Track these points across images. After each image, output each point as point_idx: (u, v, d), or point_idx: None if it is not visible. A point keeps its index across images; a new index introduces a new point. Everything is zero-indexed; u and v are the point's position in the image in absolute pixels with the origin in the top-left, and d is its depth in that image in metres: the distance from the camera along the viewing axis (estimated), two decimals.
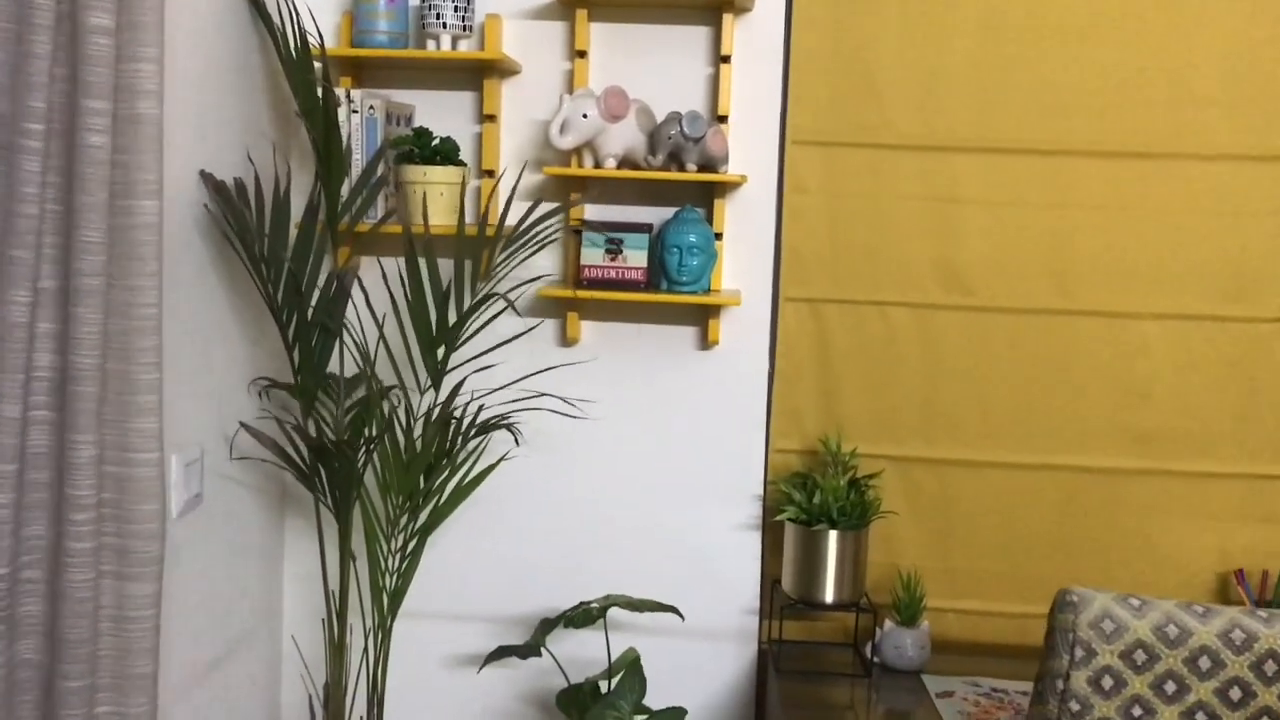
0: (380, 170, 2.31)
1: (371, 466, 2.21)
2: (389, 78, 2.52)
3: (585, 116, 2.30)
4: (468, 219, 2.45)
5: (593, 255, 2.38)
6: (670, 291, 2.39)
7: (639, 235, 2.38)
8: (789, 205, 2.50)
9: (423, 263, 2.19)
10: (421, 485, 2.18)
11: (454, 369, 2.24)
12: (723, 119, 2.42)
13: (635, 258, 2.38)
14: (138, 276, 1.78)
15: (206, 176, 2.09)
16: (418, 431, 2.22)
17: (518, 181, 2.32)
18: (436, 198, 2.35)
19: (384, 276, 2.22)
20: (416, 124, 2.53)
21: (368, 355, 2.20)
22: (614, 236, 2.37)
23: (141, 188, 1.78)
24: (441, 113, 2.52)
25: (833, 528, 2.36)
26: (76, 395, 1.70)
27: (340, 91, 2.33)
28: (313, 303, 2.15)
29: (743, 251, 2.51)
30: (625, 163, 2.40)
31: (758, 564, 2.58)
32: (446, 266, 2.21)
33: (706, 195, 2.47)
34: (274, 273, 2.08)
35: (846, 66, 2.46)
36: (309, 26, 2.36)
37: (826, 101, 2.47)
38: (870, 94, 2.46)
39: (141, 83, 1.78)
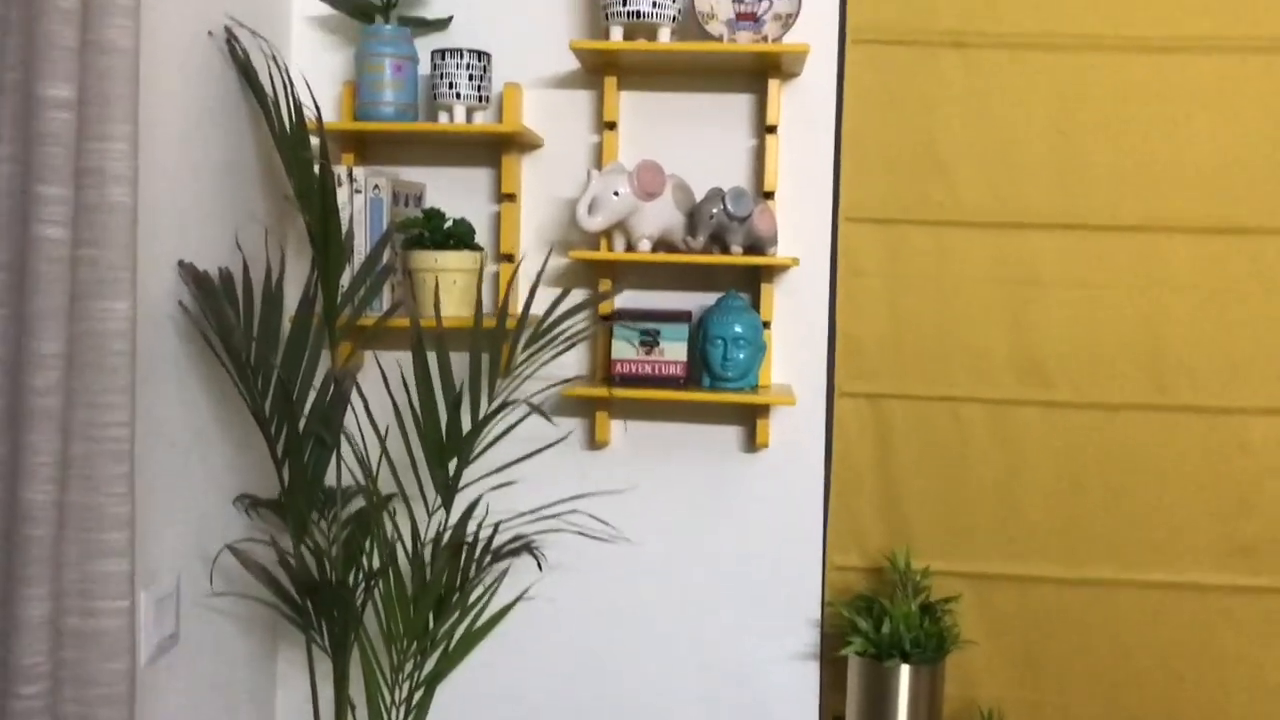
0: (386, 257, 2.05)
1: (372, 601, 1.91)
2: (397, 154, 2.27)
3: (616, 194, 2.04)
4: (485, 310, 2.18)
5: (625, 349, 2.10)
6: (714, 389, 2.11)
7: (677, 326, 2.10)
8: (845, 290, 2.23)
9: (434, 360, 1.91)
10: (430, 626, 1.88)
11: (467, 486, 1.95)
12: (769, 195, 2.16)
13: (674, 351, 2.10)
14: (106, 392, 1.51)
15: (186, 268, 1.83)
16: (426, 556, 1.92)
17: (543, 267, 2.05)
18: (449, 286, 2.09)
19: (384, 379, 1.94)
20: (428, 204, 2.27)
21: (369, 469, 1.92)
22: (649, 328, 2.10)
23: (112, 287, 1.52)
24: (455, 192, 2.27)
25: (905, 661, 2.04)
26: (26, 541, 1.42)
27: (341, 170, 2.08)
28: (306, 411, 1.87)
29: (794, 342, 2.23)
30: (661, 245, 2.13)
31: (816, 700, 2.26)
32: (461, 364, 1.93)
33: (753, 280, 2.20)
34: (262, 380, 1.81)
35: (906, 136, 2.20)
36: (305, 98, 2.12)
37: (884, 175, 2.21)
38: (934, 166, 2.20)
39: (112, 165, 1.53)
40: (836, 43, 2.20)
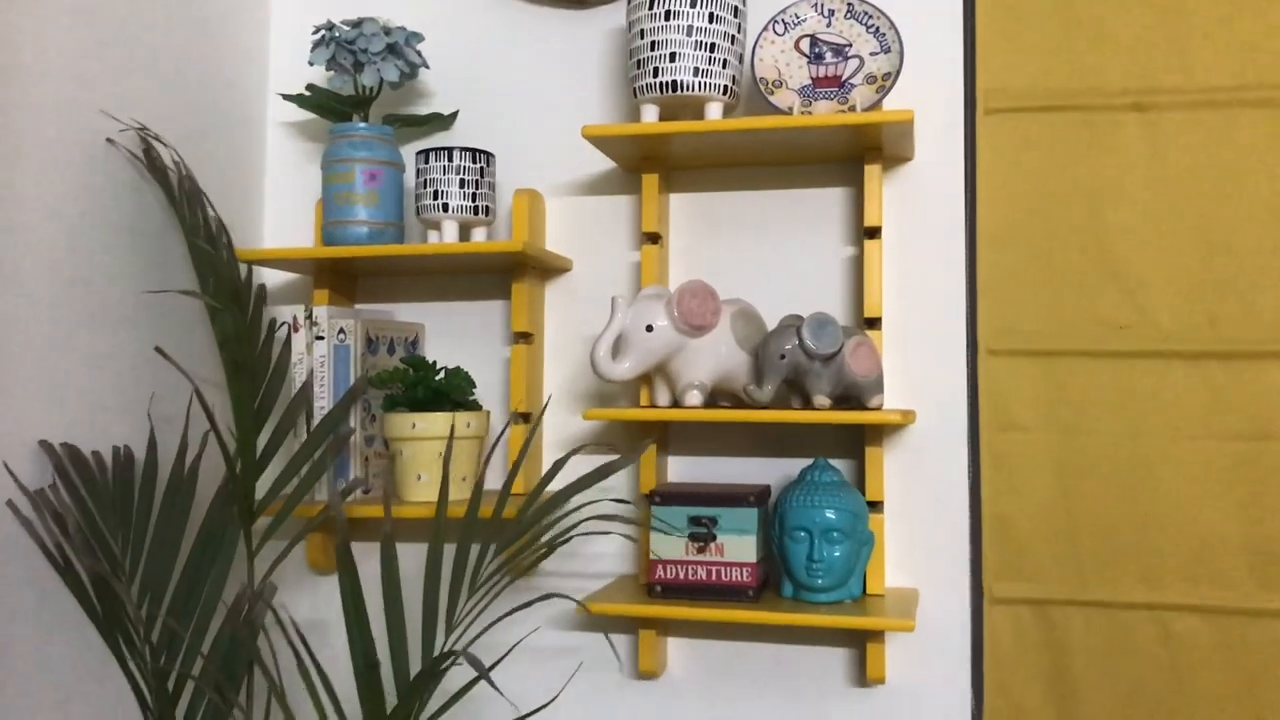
0: (346, 426, 1.52)
1: None
2: (389, 289, 1.78)
3: (651, 329, 1.48)
4: (494, 484, 1.63)
5: (669, 544, 1.49)
6: (798, 604, 1.47)
7: (742, 511, 1.49)
8: (991, 452, 1.57)
9: (430, 551, 1.35)
10: None
11: None
12: (873, 323, 1.55)
13: (738, 547, 1.48)
14: None
15: (48, 449, 1.34)
16: None
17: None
18: (431, 460, 1.54)
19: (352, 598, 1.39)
20: (429, 351, 1.76)
21: None
22: (702, 514, 1.49)
23: None
24: (462, 334, 1.75)
25: None
26: None
27: (295, 312, 1.59)
28: (197, 668, 1.33)
29: (917, 529, 1.58)
30: (722, 395, 1.55)
31: None
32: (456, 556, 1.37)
33: (852, 442, 1.58)
34: (145, 628, 1.28)
35: (1068, 233, 1.56)
36: (227, 216, 1.65)
37: (1039, 288, 1.57)
38: (1110, 273, 1.55)
39: None
40: (962, 112, 1.60)
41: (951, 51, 1.60)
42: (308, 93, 1.65)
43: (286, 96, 1.70)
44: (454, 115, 1.75)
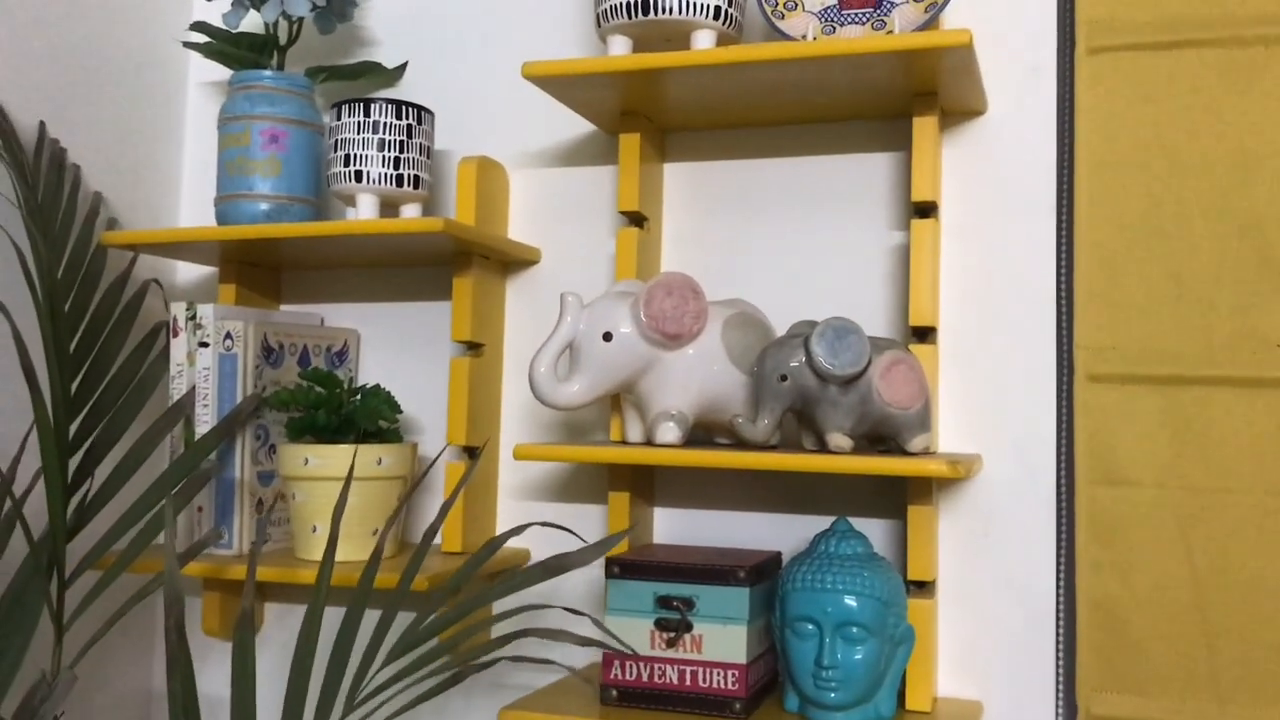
0: (208, 462, 1.17)
1: None
2: (324, 285, 1.42)
3: (609, 338, 1.08)
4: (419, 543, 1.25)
5: (633, 633, 1.09)
6: None
7: (728, 592, 1.07)
8: (1090, 512, 1.13)
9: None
10: None
11: None
12: (923, 335, 1.13)
13: (722, 641, 1.06)
14: None
15: None
16: None
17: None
18: (330, 506, 1.17)
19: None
20: (364, 362, 1.40)
21: None
22: (675, 594, 1.08)
23: None
24: (405, 342, 1.39)
25: None
26: None
27: (177, 309, 1.24)
28: None
29: (983, 621, 1.15)
30: (710, 429, 1.15)
31: None
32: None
33: (887, 496, 1.16)
34: None
35: (1210, 217, 1.12)
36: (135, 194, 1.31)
37: (1161, 292, 1.12)
38: (1267, 271, 1.10)
39: None
40: (1055, 50, 1.17)
41: None
42: (200, 36, 1.31)
43: (187, 44, 1.36)
44: (401, 69, 1.39)
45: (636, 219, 1.23)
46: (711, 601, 1.07)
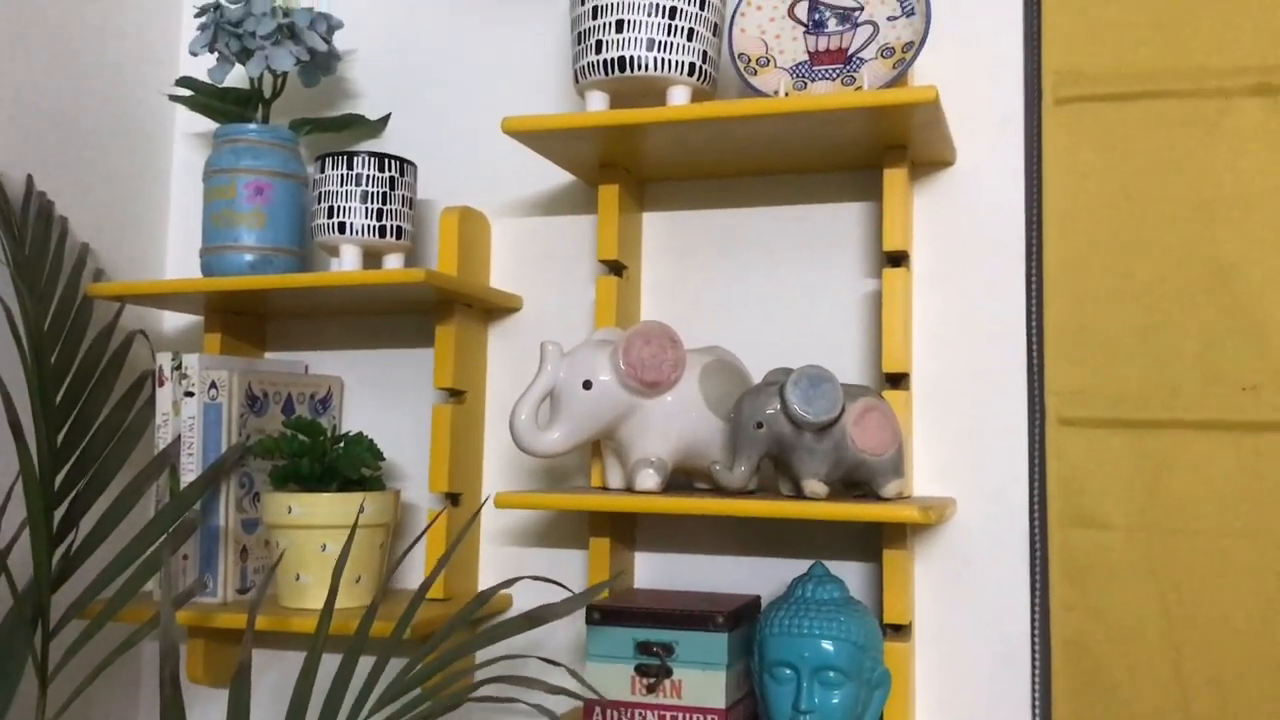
0: (194, 512, 1.18)
1: None
2: (307, 333, 1.44)
3: (589, 386, 1.10)
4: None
5: (612, 679, 1.10)
6: None
7: (706, 637, 1.08)
8: (1063, 555, 1.15)
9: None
10: None
11: None
12: (896, 380, 1.15)
13: (701, 686, 1.08)
14: None
15: None
16: None
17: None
18: (314, 555, 1.19)
19: None
20: (348, 410, 1.42)
21: None
22: (654, 640, 1.09)
23: None
24: (390, 390, 1.40)
25: None
26: None
27: (163, 359, 1.26)
28: None
29: (958, 663, 1.17)
30: (690, 474, 1.17)
31: None
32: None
33: (863, 540, 1.18)
34: None
35: (1177, 264, 1.14)
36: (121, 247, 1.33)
37: (1131, 337, 1.15)
38: (1232, 316, 1.12)
39: None
40: (1023, 101, 1.20)
41: (1009, 21, 1.21)
42: (186, 90, 1.34)
43: (174, 98, 1.38)
44: (384, 120, 1.42)
45: (616, 267, 1.25)
46: (690, 647, 1.08)
